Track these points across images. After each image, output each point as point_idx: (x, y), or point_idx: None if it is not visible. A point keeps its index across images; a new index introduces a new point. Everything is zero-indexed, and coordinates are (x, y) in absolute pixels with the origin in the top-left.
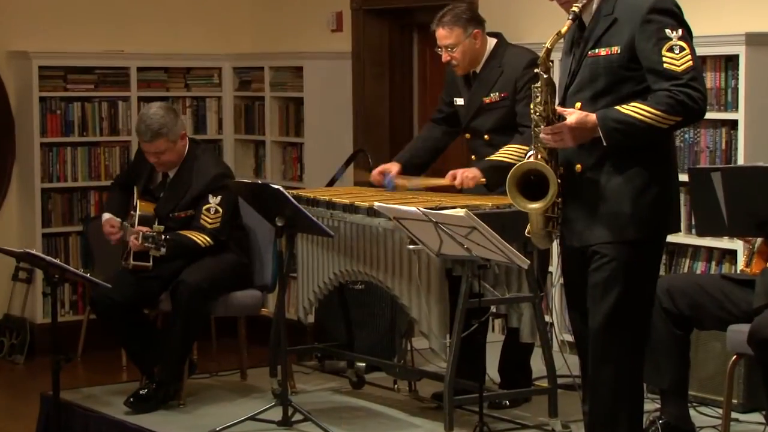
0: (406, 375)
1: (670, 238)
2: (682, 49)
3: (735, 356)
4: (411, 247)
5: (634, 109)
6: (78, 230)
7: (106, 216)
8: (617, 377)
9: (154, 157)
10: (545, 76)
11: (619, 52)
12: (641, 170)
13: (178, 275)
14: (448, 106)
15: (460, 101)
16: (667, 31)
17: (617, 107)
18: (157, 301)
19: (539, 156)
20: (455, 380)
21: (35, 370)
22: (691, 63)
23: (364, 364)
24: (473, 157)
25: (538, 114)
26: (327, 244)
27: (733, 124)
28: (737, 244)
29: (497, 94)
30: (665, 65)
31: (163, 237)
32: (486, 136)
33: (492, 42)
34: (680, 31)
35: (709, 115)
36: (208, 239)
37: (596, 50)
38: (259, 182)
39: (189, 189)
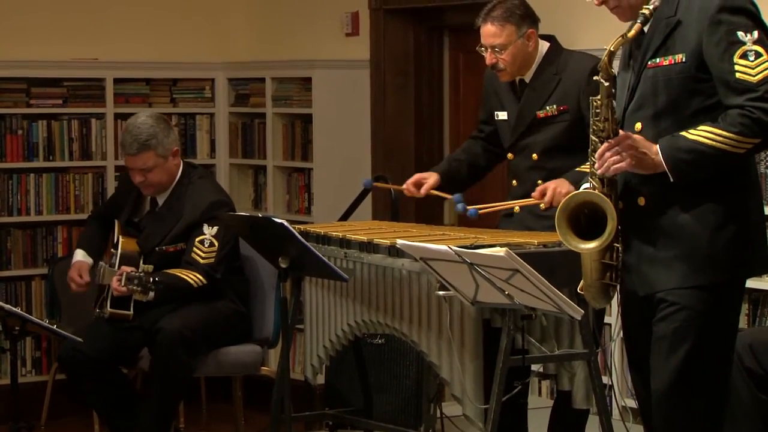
0: None
1: (754, 284)
2: (758, 55)
3: None
4: (441, 293)
5: (702, 134)
6: (42, 273)
7: (78, 257)
8: None
9: (140, 175)
10: (606, 84)
11: (684, 60)
12: (716, 202)
13: None
14: (488, 125)
15: (502, 115)
16: (740, 33)
17: (683, 133)
18: (138, 358)
19: (596, 189)
20: None
21: None
22: None
23: None
24: (514, 182)
25: (596, 134)
26: (340, 289)
27: None
28: None
29: (554, 106)
30: (737, 75)
31: (151, 279)
32: (534, 156)
33: (544, 46)
34: (756, 34)
35: None
36: (201, 278)
37: (657, 59)
38: (259, 215)
39: (180, 218)
